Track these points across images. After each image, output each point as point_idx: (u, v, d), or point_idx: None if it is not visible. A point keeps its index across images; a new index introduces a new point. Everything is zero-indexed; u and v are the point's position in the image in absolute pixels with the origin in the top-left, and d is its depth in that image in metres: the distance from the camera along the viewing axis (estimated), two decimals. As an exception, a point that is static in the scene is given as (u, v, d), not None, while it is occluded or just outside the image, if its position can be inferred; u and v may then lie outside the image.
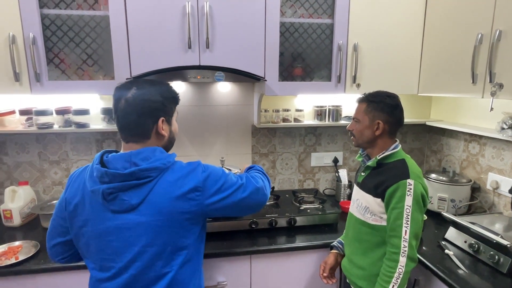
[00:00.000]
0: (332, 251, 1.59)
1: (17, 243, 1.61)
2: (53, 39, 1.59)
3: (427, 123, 2.16)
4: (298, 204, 1.93)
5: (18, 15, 1.50)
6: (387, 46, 1.83)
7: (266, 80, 1.73)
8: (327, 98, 2.12)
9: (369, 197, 1.37)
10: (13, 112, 1.84)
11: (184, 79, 1.60)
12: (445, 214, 1.67)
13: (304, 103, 2.15)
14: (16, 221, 1.82)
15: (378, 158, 1.36)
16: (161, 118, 1.08)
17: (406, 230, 1.24)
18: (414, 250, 1.26)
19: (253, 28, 1.68)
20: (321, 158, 2.28)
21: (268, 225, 1.75)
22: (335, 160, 2.27)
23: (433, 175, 1.97)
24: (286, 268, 1.66)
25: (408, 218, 1.25)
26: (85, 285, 1.46)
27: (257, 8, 1.66)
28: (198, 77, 1.57)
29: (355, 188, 1.50)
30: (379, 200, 1.33)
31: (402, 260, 1.24)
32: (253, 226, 1.74)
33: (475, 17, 1.53)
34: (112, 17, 1.57)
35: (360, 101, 1.40)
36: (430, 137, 2.35)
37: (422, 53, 1.88)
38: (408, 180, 1.26)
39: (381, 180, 1.32)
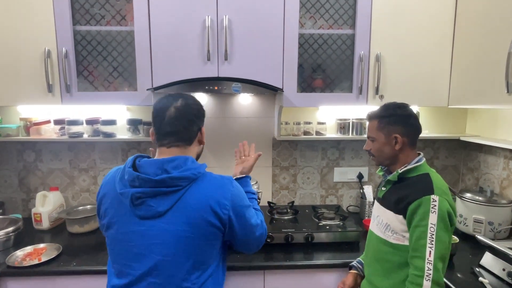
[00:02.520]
0: (351, 271, 1.49)
1: (41, 245, 1.69)
2: (83, 53, 1.71)
3: (461, 138, 2.00)
4: (317, 220, 1.85)
5: (54, 32, 1.64)
6: (413, 55, 1.75)
7: (283, 91, 1.71)
8: (351, 111, 2.05)
9: (390, 214, 1.28)
10: (48, 121, 1.98)
11: (202, 90, 1.63)
12: (479, 237, 1.51)
13: (327, 116, 2.09)
14: (45, 224, 1.92)
15: (400, 172, 1.28)
16: (202, 127, 1.19)
17: (430, 251, 1.13)
18: (440, 274, 1.14)
19: (272, 40, 1.69)
20: (344, 173, 2.19)
21: (284, 240, 1.69)
22: (360, 176, 2.17)
23: (468, 195, 1.81)
24: (302, 287, 1.58)
25: (432, 238, 1.13)
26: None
27: (276, 21, 1.68)
28: (216, 87, 1.59)
29: (376, 204, 1.41)
30: (400, 217, 1.23)
31: (427, 284, 1.12)
32: (268, 240, 1.68)
33: (508, 22, 1.42)
34: (137, 32, 1.65)
35: (370, 118, 1.33)
36: (466, 153, 2.17)
37: (452, 62, 1.76)
38: (432, 196, 1.16)
39: (403, 195, 1.23)
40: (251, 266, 1.55)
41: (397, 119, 1.26)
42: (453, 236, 1.60)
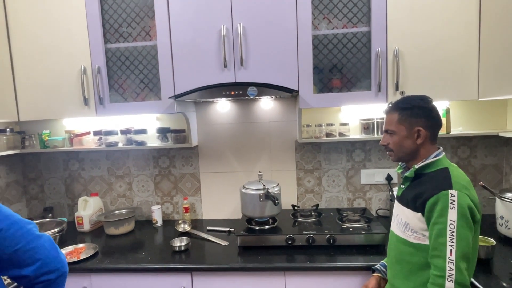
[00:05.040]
0: (374, 274, 1.43)
1: (81, 245, 1.85)
2: (114, 68, 1.88)
3: (501, 134, 1.84)
4: (340, 222, 1.81)
5: (88, 51, 1.83)
6: (435, 48, 1.67)
7: (298, 93, 1.73)
8: (374, 111, 1.99)
9: (408, 212, 1.23)
10: (88, 133, 2.18)
11: (220, 95, 1.69)
12: (519, 239, 1.38)
13: (350, 117, 2.05)
14: (86, 226, 2.10)
15: (417, 167, 1.23)
16: None
17: (451, 250, 1.07)
18: (465, 275, 1.06)
19: (285, 44, 1.72)
20: (371, 175, 2.11)
21: (306, 242, 1.68)
22: (389, 178, 2.08)
23: (509, 195, 1.65)
24: (323, 290, 1.55)
25: (453, 236, 1.07)
26: (132, 286, 1.59)
27: (289, 25, 1.71)
28: (232, 92, 1.65)
29: (395, 202, 1.36)
30: (419, 214, 1.18)
31: (449, 285, 1.05)
32: (289, 242, 1.68)
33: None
34: (159, 46, 1.78)
35: (390, 111, 1.28)
36: (508, 151, 1.99)
37: (480, 52, 1.65)
38: (450, 191, 1.10)
39: (420, 191, 1.18)
40: (271, 267, 1.56)
41: (420, 111, 1.21)
42: (488, 238, 1.49)
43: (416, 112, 1.21)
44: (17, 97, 1.91)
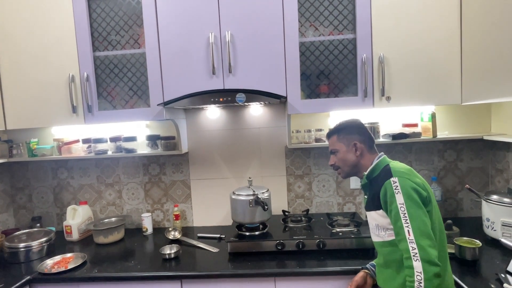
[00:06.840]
0: (362, 270, 1.46)
1: (69, 254, 1.82)
2: (102, 76, 1.88)
3: (485, 138, 1.88)
4: (330, 227, 1.82)
5: (76, 59, 1.83)
6: (419, 54, 1.71)
7: (286, 99, 1.75)
8: (362, 115, 2.02)
9: (373, 214, 1.32)
10: (77, 141, 2.16)
11: (209, 102, 1.70)
12: (503, 240, 1.40)
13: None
14: (75, 236, 2.07)
15: (366, 173, 1.35)
16: None
17: (408, 230, 1.15)
18: (429, 252, 1.11)
19: (273, 51, 1.74)
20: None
21: (296, 247, 1.68)
22: (378, 182, 2.10)
23: (494, 197, 1.69)
24: (313, 294, 1.55)
25: (406, 217, 1.16)
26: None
27: (276, 33, 1.73)
28: (221, 99, 1.66)
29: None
30: (380, 211, 1.27)
31: (417, 265, 1.11)
32: (279, 247, 1.68)
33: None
34: (148, 53, 1.79)
35: (329, 135, 1.46)
36: (493, 154, 2.03)
37: (462, 57, 1.69)
38: (392, 179, 1.21)
39: (374, 192, 1.30)
40: (262, 273, 1.56)
41: (352, 129, 1.41)
42: (475, 240, 1.52)
43: (349, 130, 1.40)
44: (4, 105, 1.90)
